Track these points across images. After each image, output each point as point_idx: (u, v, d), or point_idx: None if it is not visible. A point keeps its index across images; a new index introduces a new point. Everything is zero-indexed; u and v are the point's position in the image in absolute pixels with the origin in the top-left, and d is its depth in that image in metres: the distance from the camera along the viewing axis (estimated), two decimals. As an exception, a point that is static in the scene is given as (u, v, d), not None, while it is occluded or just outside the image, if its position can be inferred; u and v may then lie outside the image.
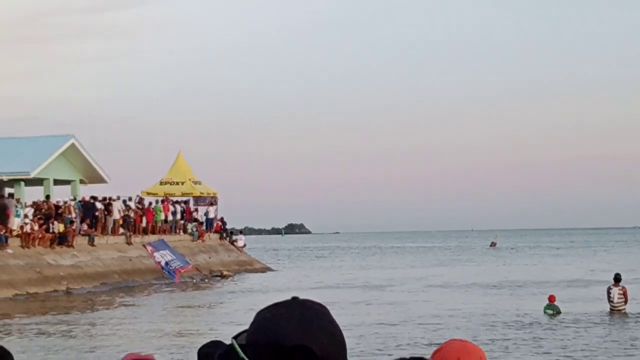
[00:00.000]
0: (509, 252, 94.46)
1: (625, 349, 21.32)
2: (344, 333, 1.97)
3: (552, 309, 28.32)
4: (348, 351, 1.99)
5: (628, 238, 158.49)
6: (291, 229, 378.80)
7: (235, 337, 1.95)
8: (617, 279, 28.29)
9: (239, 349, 1.90)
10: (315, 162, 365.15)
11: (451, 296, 37.57)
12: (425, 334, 24.49)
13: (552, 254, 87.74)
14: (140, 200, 53.78)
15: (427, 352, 3.30)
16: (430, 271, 58.07)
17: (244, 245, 62.84)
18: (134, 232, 49.81)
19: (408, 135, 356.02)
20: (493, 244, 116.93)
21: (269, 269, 60.39)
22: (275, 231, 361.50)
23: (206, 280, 49.12)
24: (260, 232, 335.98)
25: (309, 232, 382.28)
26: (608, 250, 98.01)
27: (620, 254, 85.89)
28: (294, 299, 1.96)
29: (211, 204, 60.42)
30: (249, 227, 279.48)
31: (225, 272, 51.95)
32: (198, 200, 60.52)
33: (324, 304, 1.98)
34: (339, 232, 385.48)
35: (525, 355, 20.30)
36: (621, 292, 27.99)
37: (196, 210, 59.62)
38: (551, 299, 28.90)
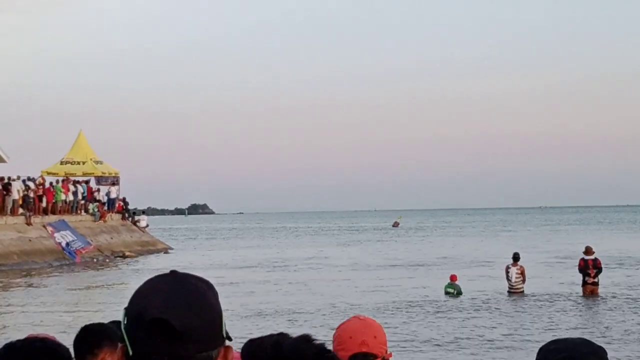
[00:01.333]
0: (412, 232, 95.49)
1: (520, 328, 21.74)
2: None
3: (453, 288, 28.68)
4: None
5: (533, 218, 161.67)
6: (194, 209, 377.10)
7: (126, 308, 1.94)
8: (516, 258, 28.78)
9: (123, 320, 1.91)
10: (219, 142, 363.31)
11: (353, 275, 37.82)
12: (325, 312, 24.61)
13: (455, 234, 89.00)
14: (38, 180, 52.81)
15: (324, 330, 3.31)
16: (334, 251, 58.39)
17: (147, 226, 62.32)
18: (34, 213, 48.93)
19: (309, 114, 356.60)
20: (396, 224, 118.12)
21: (172, 249, 60.09)
22: (179, 211, 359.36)
23: (107, 261, 48.60)
24: (163, 212, 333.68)
25: (212, 213, 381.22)
26: (511, 230, 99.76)
27: (523, 233, 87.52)
28: (172, 272, 1.94)
29: (113, 184, 59.78)
30: (152, 207, 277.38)
31: (127, 253, 51.45)
32: (100, 180, 59.82)
33: (208, 279, 1.96)
34: (242, 213, 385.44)
35: (425, 334, 20.56)
36: (519, 271, 28.50)
37: (98, 190, 58.87)
38: (452, 278, 29.28)
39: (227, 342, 1.94)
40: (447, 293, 28.53)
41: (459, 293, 28.41)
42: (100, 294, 32.13)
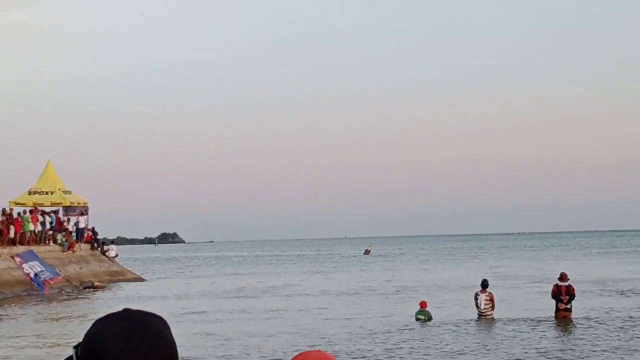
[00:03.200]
0: (383, 259, 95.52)
1: (487, 355, 21.72)
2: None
3: (423, 314, 28.71)
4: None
5: (509, 244, 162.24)
6: (164, 238, 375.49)
7: (76, 347, 1.91)
8: (484, 284, 28.85)
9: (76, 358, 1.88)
10: (188, 171, 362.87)
11: (325, 304, 37.71)
12: (293, 342, 24.48)
13: (426, 260, 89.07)
14: (5, 211, 52.44)
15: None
16: (305, 279, 58.28)
17: (116, 256, 61.97)
18: (2, 243, 48.54)
19: (281, 138, 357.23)
20: (367, 252, 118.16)
21: (142, 279, 59.71)
22: (149, 240, 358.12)
23: (76, 291, 48.23)
24: (133, 241, 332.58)
25: (182, 242, 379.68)
26: (484, 256, 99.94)
27: (496, 259, 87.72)
28: (126, 310, 1.94)
29: (82, 214, 59.40)
30: (122, 236, 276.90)
31: (96, 283, 51.10)
32: (68, 210, 59.39)
33: (160, 315, 1.95)
34: (213, 241, 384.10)
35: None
36: (488, 298, 28.56)
37: (67, 220, 58.50)
38: (422, 304, 29.29)
39: None
40: (417, 319, 28.56)
41: (429, 319, 28.44)
42: (69, 324, 31.84)
